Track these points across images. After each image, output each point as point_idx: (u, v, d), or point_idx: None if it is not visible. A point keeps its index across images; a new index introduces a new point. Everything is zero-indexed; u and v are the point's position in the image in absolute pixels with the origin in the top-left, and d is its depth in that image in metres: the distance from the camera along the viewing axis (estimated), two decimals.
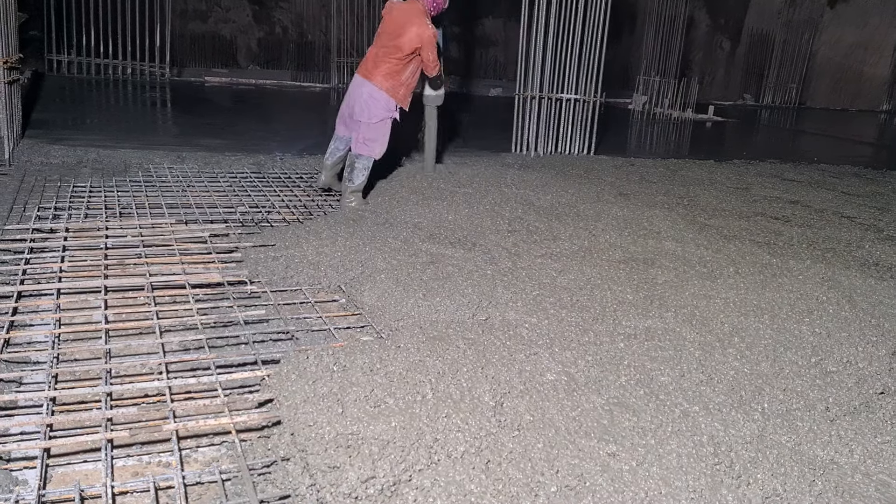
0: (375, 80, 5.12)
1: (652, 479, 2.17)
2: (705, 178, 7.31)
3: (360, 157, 5.21)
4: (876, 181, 7.95)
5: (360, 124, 5.18)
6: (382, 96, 5.14)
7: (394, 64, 5.11)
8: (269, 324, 3.28)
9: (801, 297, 3.87)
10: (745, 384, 2.84)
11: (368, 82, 5.15)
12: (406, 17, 5.11)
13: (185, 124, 9.24)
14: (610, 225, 5.03)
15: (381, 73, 5.12)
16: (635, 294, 3.77)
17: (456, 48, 18.16)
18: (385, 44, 5.14)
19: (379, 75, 5.12)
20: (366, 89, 5.16)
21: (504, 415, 2.46)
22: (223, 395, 2.59)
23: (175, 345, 3.04)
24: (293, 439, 2.29)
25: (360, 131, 5.20)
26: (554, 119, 8.07)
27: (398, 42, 5.08)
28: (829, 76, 19.03)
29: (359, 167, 5.22)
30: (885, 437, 2.53)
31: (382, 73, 5.12)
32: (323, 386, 2.54)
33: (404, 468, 2.13)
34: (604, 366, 2.90)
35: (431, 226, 4.72)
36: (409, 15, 5.11)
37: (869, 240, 5.29)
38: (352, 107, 5.24)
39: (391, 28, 5.14)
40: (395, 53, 5.10)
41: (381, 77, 5.12)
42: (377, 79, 5.12)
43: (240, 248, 4.15)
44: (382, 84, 5.11)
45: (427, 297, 3.52)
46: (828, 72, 18.98)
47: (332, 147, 5.46)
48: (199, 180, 5.79)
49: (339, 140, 5.43)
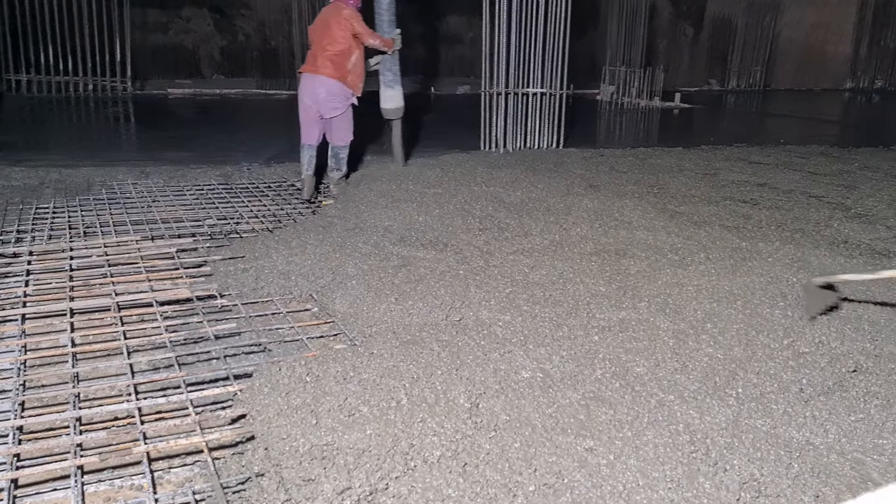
0: (324, 71, 5.38)
1: (629, 471, 2.17)
2: (674, 165, 7.34)
3: (343, 147, 5.76)
4: (842, 159, 8.03)
5: (333, 120, 5.54)
6: (336, 85, 5.43)
7: (335, 55, 5.40)
8: (240, 337, 3.24)
9: (772, 279, 3.90)
10: (720, 370, 2.85)
11: (318, 76, 5.40)
12: (330, 14, 5.49)
13: (149, 138, 9.12)
14: (581, 218, 5.04)
15: (328, 67, 5.39)
16: (608, 286, 3.77)
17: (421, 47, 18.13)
18: (321, 42, 5.44)
19: (326, 69, 5.38)
20: (321, 88, 5.40)
21: (480, 416, 2.44)
22: (194, 413, 2.55)
23: (144, 364, 2.99)
24: (267, 454, 2.25)
25: (335, 126, 5.60)
26: (521, 114, 8.07)
27: (331, 34, 5.39)
28: (792, 57, 19.23)
29: (343, 156, 5.81)
30: (859, 414, 2.55)
31: (328, 66, 5.39)
32: (296, 397, 2.51)
33: (380, 476, 2.11)
34: (579, 360, 2.90)
35: (402, 228, 4.70)
36: (333, 11, 5.48)
37: (837, 218, 5.34)
38: (316, 110, 5.50)
39: (321, 27, 5.48)
40: (332, 46, 5.39)
41: (330, 69, 5.39)
42: (326, 70, 5.38)
43: (208, 261, 4.10)
44: (333, 74, 5.40)
45: (399, 301, 3.50)
46: (791, 53, 19.18)
47: (306, 158, 5.64)
48: (164, 195, 5.72)
49: (310, 148, 5.63)
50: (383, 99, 6.27)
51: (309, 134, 5.58)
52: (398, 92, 6.27)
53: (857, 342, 3.15)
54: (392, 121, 6.40)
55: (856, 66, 19.59)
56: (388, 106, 6.31)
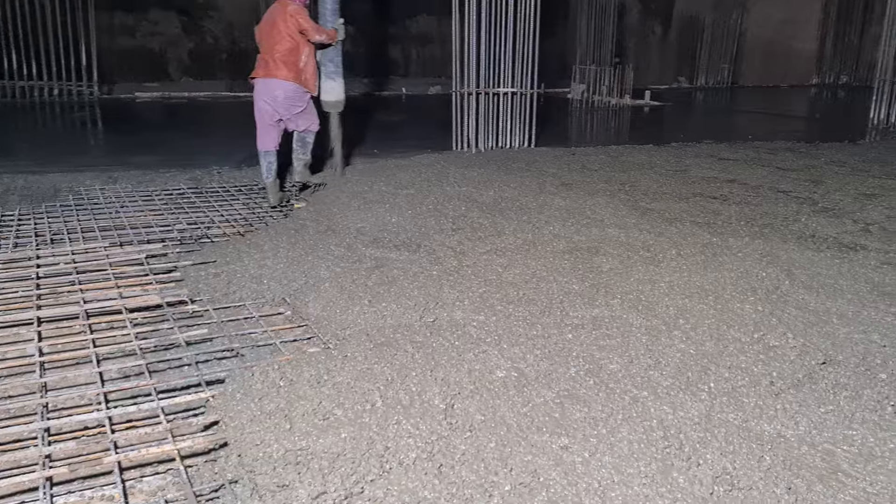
0: (279, 74, 5.35)
1: (604, 468, 2.18)
2: (645, 162, 7.40)
3: (310, 132, 5.76)
4: (809, 154, 8.16)
5: (294, 116, 5.55)
6: (292, 88, 5.42)
7: (285, 54, 5.35)
8: (212, 342, 3.20)
9: (742, 274, 3.94)
10: (692, 365, 2.88)
11: (274, 79, 5.37)
12: (276, 12, 5.42)
13: (117, 143, 8.99)
14: (553, 216, 5.06)
15: (281, 69, 5.35)
16: (581, 284, 3.79)
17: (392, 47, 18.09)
18: (269, 43, 5.39)
19: (280, 72, 5.35)
20: (278, 90, 5.38)
21: (455, 416, 2.44)
22: (166, 420, 2.52)
23: (114, 373, 2.94)
24: (241, 460, 2.23)
25: (300, 118, 5.60)
26: (493, 114, 8.09)
27: (278, 33, 5.33)
28: (759, 54, 19.48)
29: (310, 140, 5.81)
30: (829, 406, 2.58)
31: (282, 69, 5.35)
32: (269, 402, 2.49)
33: (356, 480, 2.10)
34: (553, 358, 2.91)
35: (374, 230, 4.68)
36: (279, 9, 5.41)
37: (805, 213, 5.42)
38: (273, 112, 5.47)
39: (268, 28, 5.42)
40: (281, 45, 5.34)
41: (284, 72, 5.36)
42: (281, 73, 5.35)
43: (179, 267, 4.05)
44: (287, 76, 5.37)
45: (373, 303, 3.48)
46: (758, 50, 19.43)
47: (266, 164, 5.58)
48: (132, 200, 5.64)
49: (268, 154, 5.57)
50: (324, 91, 5.95)
51: (267, 139, 5.52)
52: (339, 84, 6.01)
53: (826, 333, 3.19)
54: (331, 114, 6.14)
55: (821, 62, 19.91)
56: (329, 98, 6.01)
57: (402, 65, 18.46)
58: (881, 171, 7.17)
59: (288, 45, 5.35)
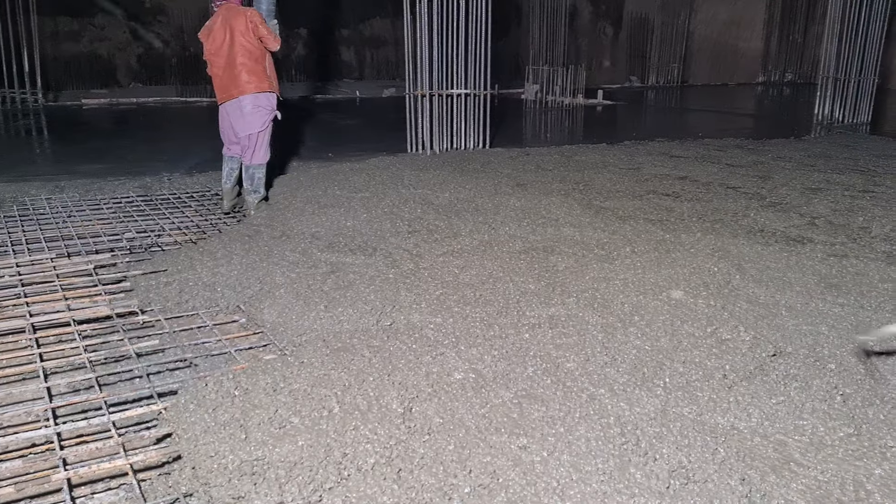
0: (248, 89, 5.10)
1: (563, 467, 2.18)
2: (599, 161, 7.48)
3: (260, 167, 5.36)
4: (756, 151, 8.33)
5: (252, 136, 5.24)
6: (264, 97, 5.16)
7: (252, 65, 5.09)
8: (164, 353, 3.14)
9: (695, 270, 4.00)
10: (647, 361, 2.91)
11: (254, 94, 5.12)
12: (229, 21, 5.06)
13: (63, 151, 8.76)
14: (509, 217, 5.08)
15: (251, 83, 5.10)
16: (537, 283, 3.81)
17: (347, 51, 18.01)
18: (231, 57, 5.07)
19: (248, 85, 5.10)
20: (245, 102, 5.13)
21: (413, 420, 2.43)
22: (117, 435, 2.45)
23: (63, 387, 2.87)
24: (195, 473, 2.19)
25: (255, 143, 5.26)
26: (447, 115, 8.09)
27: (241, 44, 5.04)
28: (707, 54, 19.88)
29: (260, 176, 5.39)
30: (780, 397, 2.63)
31: (252, 82, 5.10)
32: (224, 413, 2.44)
33: (313, 489, 2.07)
34: (510, 359, 2.91)
35: (330, 234, 4.64)
36: (231, 16, 5.07)
37: (753, 208, 5.53)
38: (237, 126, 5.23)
39: (224, 40, 5.07)
40: (245, 56, 5.06)
41: (254, 84, 5.11)
42: (249, 87, 5.10)
43: (128, 276, 3.96)
44: (257, 87, 5.12)
45: (329, 309, 3.45)
46: (706, 49, 19.83)
47: (226, 170, 5.47)
48: (80, 209, 5.50)
49: (232, 160, 5.46)
50: None
51: (232, 146, 5.41)
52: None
53: (776, 326, 3.26)
54: None
55: (767, 60, 20.42)
56: None
57: (356, 68, 18.42)
58: (826, 165, 7.36)
59: (252, 54, 5.06)
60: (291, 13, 5.87)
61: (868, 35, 10.67)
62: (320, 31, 17.33)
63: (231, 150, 5.42)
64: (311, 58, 17.48)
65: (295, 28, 16.57)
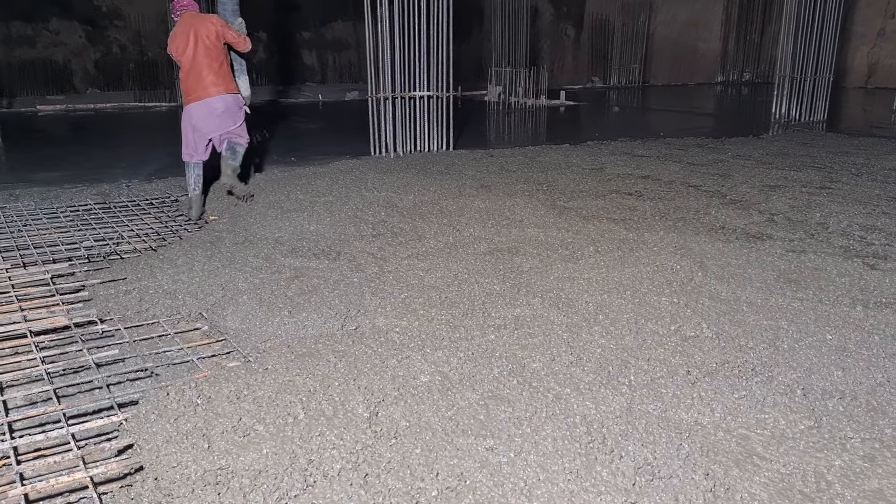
0: (219, 90, 5.26)
1: (530, 467, 2.18)
2: (562, 161, 7.53)
3: (241, 144, 5.62)
4: (717, 150, 8.46)
5: (232, 130, 5.46)
6: (231, 98, 5.36)
7: (219, 68, 5.27)
8: (124, 363, 3.07)
9: (658, 268, 4.04)
10: (612, 359, 2.93)
11: (222, 96, 5.28)
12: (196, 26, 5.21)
13: (17, 159, 8.54)
14: (473, 218, 5.08)
15: (219, 84, 5.25)
16: (502, 284, 3.81)
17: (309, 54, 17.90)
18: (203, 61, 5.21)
19: (217, 87, 5.25)
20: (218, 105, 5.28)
21: (379, 424, 2.41)
22: (77, 447, 2.40)
23: (20, 400, 2.79)
24: (157, 484, 2.14)
25: (236, 132, 5.50)
26: (410, 118, 8.08)
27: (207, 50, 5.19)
28: (667, 54, 20.16)
29: (240, 151, 5.65)
30: (742, 392, 2.67)
31: (220, 84, 5.25)
32: (186, 422, 2.40)
33: (279, 497, 2.05)
34: (476, 360, 2.91)
35: (293, 239, 4.60)
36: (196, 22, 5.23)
37: (714, 206, 5.61)
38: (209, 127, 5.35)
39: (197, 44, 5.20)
40: (215, 61, 5.24)
41: (222, 86, 5.27)
42: (218, 88, 5.25)
43: (87, 285, 3.88)
44: (226, 89, 5.30)
45: (293, 314, 3.42)
46: (665, 50, 20.11)
47: (193, 177, 5.44)
48: (36, 218, 5.37)
49: (196, 167, 5.44)
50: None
51: (197, 150, 5.38)
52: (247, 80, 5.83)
53: (738, 322, 3.30)
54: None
55: (725, 60, 20.76)
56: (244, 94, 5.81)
57: (318, 71, 18.33)
58: (784, 163, 7.49)
59: (221, 59, 5.28)
60: (251, 16, 5.82)
61: (823, 34, 10.89)
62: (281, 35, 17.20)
63: (194, 157, 5.38)
64: (273, 62, 17.35)
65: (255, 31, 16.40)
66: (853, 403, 2.60)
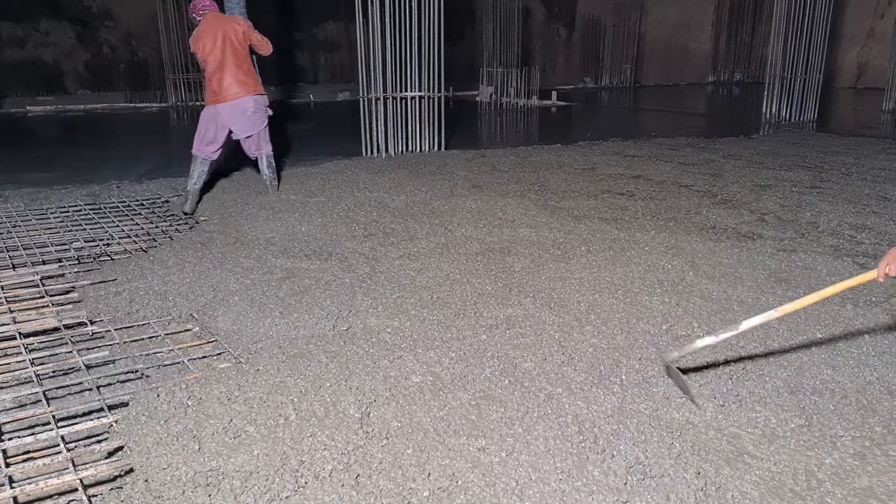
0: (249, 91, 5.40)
1: (521, 467, 2.18)
2: (554, 161, 7.54)
3: (270, 155, 5.80)
4: (708, 149, 8.48)
5: (254, 135, 5.57)
6: (261, 98, 5.52)
7: (247, 69, 5.42)
8: (115, 365, 3.06)
9: (650, 268, 4.05)
10: (604, 359, 2.93)
11: (252, 96, 5.41)
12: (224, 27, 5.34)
13: (6, 160, 8.48)
14: (465, 219, 5.08)
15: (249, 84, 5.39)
16: (494, 284, 3.81)
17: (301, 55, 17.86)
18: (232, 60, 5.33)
19: (247, 87, 5.38)
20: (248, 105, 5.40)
21: (371, 425, 2.41)
22: (66, 449, 2.38)
23: (9, 402, 2.77)
24: (148, 486, 2.13)
25: (258, 139, 5.61)
26: (401, 118, 8.08)
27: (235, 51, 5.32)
28: (658, 54, 20.22)
29: (273, 161, 5.84)
30: (733, 391, 2.67)
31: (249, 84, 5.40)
32: (177, 424, 2.39)
33: (269, 498, 2.04)
34: (468, 360, 2.91)
35: (284, 240, 4.59)
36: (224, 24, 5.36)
37: (705, 205, 5.62)
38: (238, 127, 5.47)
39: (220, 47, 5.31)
40: (242, 62, 5.39)
41: (252, 87, 5.42)
42: (249, 89, 5.40)
43: (77, 287, 3.86)
44: (253, 90, 5.43)
45: (285, 315, 3.41)
46: (657, 50, 20.17)
47: (197, 172, 5.49)
48: (25, 219, 5.34)
49: (203, 163, 5.49)
50: None
51: (209, 149, 5.46)
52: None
53: (729, 321, 3.31)
54: None
55: (716, 60, 20.82)
56: None
57: (310, 72, 18.28)
58: (774, 162, 7.52)
59: (248, 60, 5.41)
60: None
61: (813, 34, 10.94)
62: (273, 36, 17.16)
63: (204, 152, 5.45)
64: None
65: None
66: (843, 402, 2.61)
